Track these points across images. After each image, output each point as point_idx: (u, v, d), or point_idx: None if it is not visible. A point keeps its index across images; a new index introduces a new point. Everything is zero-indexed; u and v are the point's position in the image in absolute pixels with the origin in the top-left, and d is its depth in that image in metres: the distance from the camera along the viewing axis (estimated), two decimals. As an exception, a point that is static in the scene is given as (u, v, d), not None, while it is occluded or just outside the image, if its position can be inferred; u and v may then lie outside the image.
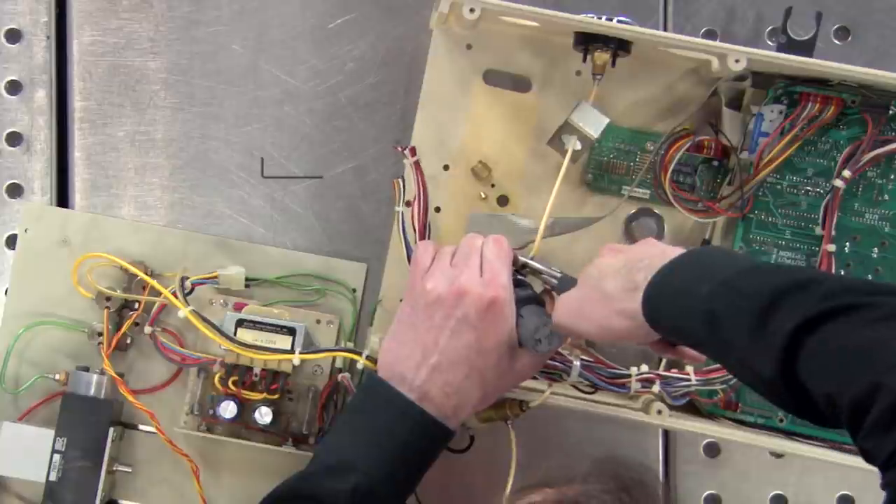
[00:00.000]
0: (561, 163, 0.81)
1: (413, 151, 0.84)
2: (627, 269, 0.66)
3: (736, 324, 0.57)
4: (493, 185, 0.88)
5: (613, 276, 0.66)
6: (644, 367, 0.80)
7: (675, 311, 0.61)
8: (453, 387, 0.70)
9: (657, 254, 0.65)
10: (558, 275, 0.74)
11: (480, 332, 0.70)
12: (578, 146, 0.81)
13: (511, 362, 0.72)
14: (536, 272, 0.75)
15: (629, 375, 0.78)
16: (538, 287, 0.76)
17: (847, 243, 0.84)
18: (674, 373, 0.80)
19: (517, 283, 0.74)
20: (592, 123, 0.81)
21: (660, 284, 0.63)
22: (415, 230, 0.82)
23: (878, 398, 0.48)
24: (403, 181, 0.84)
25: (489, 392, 0.73)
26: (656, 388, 0.79)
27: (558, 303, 0.70)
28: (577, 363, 0.77)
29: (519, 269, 0.76)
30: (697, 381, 0.80)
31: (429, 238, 0.82)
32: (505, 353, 0.71)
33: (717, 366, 0.81)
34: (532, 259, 0.76)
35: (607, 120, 0.81)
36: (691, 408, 0.84)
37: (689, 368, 0.82)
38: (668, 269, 0.63)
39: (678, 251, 0.65)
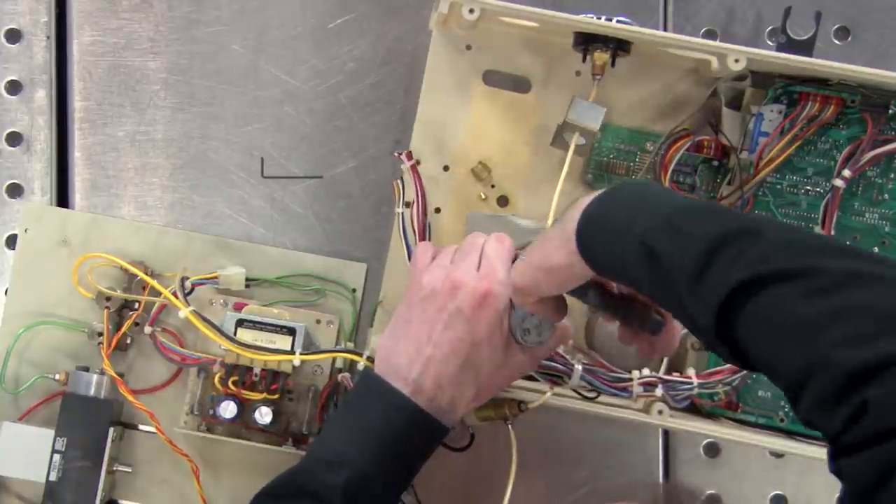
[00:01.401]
0: (562, 157, 0.81)
1: (409, 155, 0.84)
2: (561, 219, 0.66)
3: (675, 265, 0.56)
4: (493, 186, 0.88)
5: (551, 230, 0.67)
6: (646, 371, 0.80)
7: (611, 247, 0.61)
8: (447, 379, 0.70)
9: (585, 198, 0.65)
10: None
11: (474, 325, 0.70)
12: (583, 141, 0.81)
13: (506, 357, 0.72)
14: None
15: (631, 379, 0.78)
16: None
17: (847, 243, 0.84)
18: (675, 376, 0.80)
19: None
20: (590, 116, 0.81)
21: (592, 217, 0.62)
22: (415, 232, 0.82)
23: (812, 380, 0.48)
24: (403, 183, 0.84)
25: (484, 386, 0.72)
26: (658, 391, 0.79)
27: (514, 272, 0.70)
28: (578, 367, 0.77)
29: None
30: (699, 384, 0.80)
31: (429, 239, 0.82)
32: (499, 345, 0.71)
33: (719, 368, 0.81)
34: None
35: (604, 110, 0.81)
36: (692, 408, 0.84)
37: (691, 371, 0.82)
38: (600, 203, 0.63)
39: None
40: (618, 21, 0.80)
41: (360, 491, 0.68)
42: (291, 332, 0.83)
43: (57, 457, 0.83)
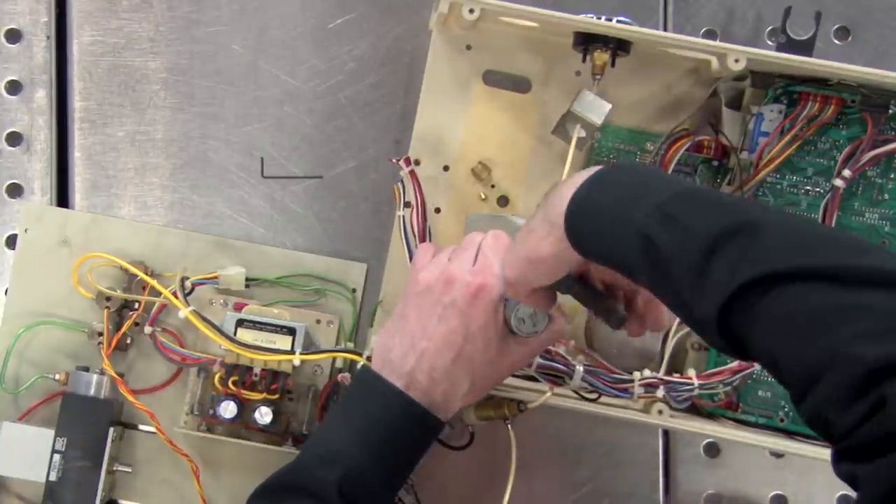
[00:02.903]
0: (562, 156, 0.81)
1: (408, 161, 0.84)
2: (543, 205, 0.66)
3: (674, 258, 0.56)
4: (492, 186, 0.88)
5: (535, 218, 0.67)
6: (647, 372, 0.80)
7: (606, 235, 0.61)
8: (440, 372, 0.70)
9: (568, 181, 0.65)
10: None
11: (467, 318, 0.70)
12: (583, 133, 0.81)
13: (501, 351, 0.72)
14: None
15: (632, 380, 0.79)
16: None
17: (850, 234, 0.84)
18: (676, 377, 0.80)
19: None
20: (595, 110, 0.81)
21: (583, 203, 0.62)
22: (415, 235, 0.82)
23: (828, 373, 0.48)
24: (403, 186, 0.84)
25: (478, 379, 0.72)
26: (660, 392, 0.79)
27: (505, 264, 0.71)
28: (579, 368, 0.77)
29: None
30: (700, 384, 0.80)
31: (429, 241, 0.82)
32: (493, 338, 0.71)
33: (720, 368, 0.81)
34: None
35: (609, 106, 0.81)
36: (692, 408, 0.84)
37: (692, 372, 0.82)
38: (590, 188, 0.62)
39: (589, 173, 0.64)
40: (618, 21, 0.80)
41: (356, 486, 0.68)
42: (291, 332, 0.83)
43: (57, 457, 0.83)
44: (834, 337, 0.48)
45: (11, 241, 0.91)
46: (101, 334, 0.86)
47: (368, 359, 0.78)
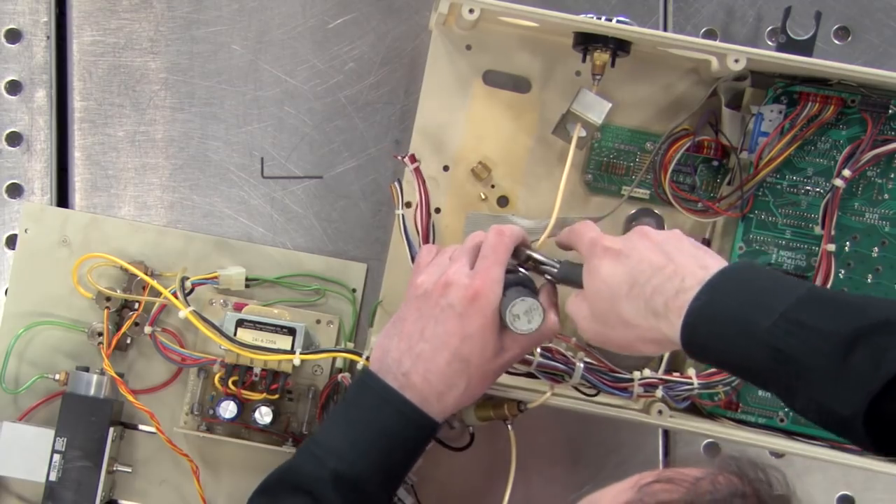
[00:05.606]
0: (562, 156, 0.81)
1: (413, 158, 0.84)
2: (641, 290, 0.66)
3: (809, 363, 0.58)
4: (493, 186, 0.88)
5: (627, 297, 0.66)
6: (647, 372, 0.80)
7: (729, 345, 0.62)
8: (435, 374, 0.70)
9: (668, 272, 0.65)
10: (557, 265, 0.74)
11: (465, 320, 0.70)
12: (583, 133, 0.81)
13: (497, 352, 0.72)
14: (538, 263, 0.75)
15: (632, 379, 0.79)
16: (539, 282, 0.76)
17: (847, 243, 0.84)
18: (676, 377, 0.80)
19: (511, 272, 0.74)
20: (595, 109, 0.81)
21: (702, 313, 0.62)
22: (418, 233, 0.82)
23: None
24: (400, 185, 0.84)
25: (474, 380, 0.72)
26: (659, 392, 0.79)
27: (575, 313, 0.71)
28: (580, 365, 0.77)
29: (523, 261, 0.75)
30: (699, 384, 0.80)
31: (433, 241, 0.82)
32: (490, 340, 0.71)
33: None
34: (536, 253, 0.76)
35: (609, 105, 0.81)
36: (692, 408, 0.84)
37: (692, 372, 0.82)
38: (709, 296, 0.63)
39: (686, 264, 0.65)
40: (618, 21, 0.80)
41: (350, 483, 0.68)
42: (291, 332, 0.83)
43: (57, 457, 0.83)
44: None
45: (11, 241, 0.91)
46: (101, 334, 0.86)
47: (368, 359, 0.78)
